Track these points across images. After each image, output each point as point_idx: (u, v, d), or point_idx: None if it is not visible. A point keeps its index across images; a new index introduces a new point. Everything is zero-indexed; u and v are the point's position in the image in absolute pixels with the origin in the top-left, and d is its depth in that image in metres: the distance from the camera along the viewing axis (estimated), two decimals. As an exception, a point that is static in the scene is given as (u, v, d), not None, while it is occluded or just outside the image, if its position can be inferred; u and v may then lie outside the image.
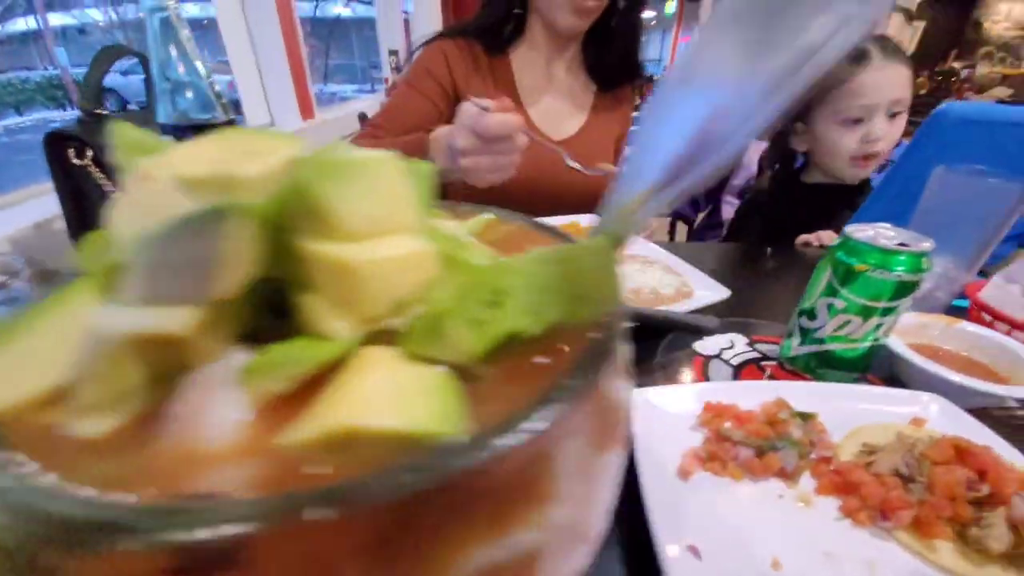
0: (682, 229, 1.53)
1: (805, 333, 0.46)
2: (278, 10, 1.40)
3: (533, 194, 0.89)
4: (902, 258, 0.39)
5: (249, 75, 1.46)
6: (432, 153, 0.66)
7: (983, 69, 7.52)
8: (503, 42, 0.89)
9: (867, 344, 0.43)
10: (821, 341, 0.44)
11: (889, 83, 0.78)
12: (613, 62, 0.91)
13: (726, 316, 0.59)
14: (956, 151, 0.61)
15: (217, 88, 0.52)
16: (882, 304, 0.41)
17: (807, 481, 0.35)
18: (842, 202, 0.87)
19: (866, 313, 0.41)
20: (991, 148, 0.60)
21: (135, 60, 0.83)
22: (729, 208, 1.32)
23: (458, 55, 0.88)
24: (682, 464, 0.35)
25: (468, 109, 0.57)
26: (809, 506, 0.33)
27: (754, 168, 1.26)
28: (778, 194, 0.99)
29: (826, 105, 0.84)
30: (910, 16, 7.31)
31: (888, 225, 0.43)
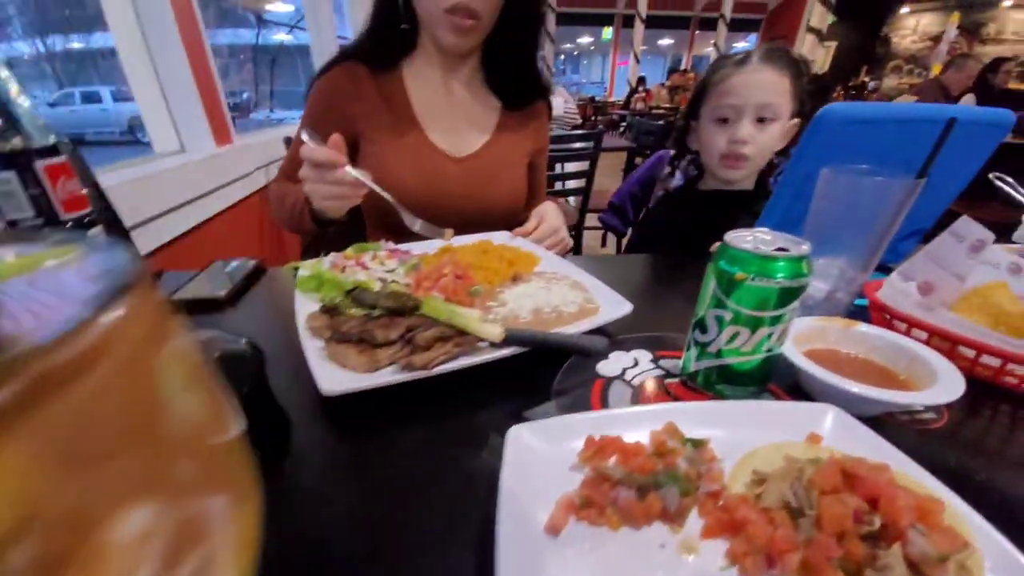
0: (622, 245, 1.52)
1: (700, 347, 0.42)
2: (183, 37, 1.32)
3: (435, 211, 0.85)
4: (781, 264, 0.36)
5: (154, 103, 1.37)
6: None
7: (891, 81, 8.22)
8: (392, 59, 0.85)
9: (761, 355, 0.40)
10: (717, 355, 0.41)
11: (757, 86, 0.78)
12: (511, 80, 0.89)
13: (635, 332, 0.56)
14: (842, 151, 0.60)
15: (27, 105, 0.44)
16: (769, 313, 0.37)
17: (694, 522, 0.30)
18: (741, 207, 0.87)
19: (754, 323, 0.38)
20: (875, 146, 0.60)
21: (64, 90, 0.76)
22: (658, 219, 1.32)
23: (343, 83, 0.84)
24: (552, 516, 0.30)
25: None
26: (694, 554, 0.28)
27: (678, 179, 1.26)
28: (676, 202, 0.99)
29: (706, 103, 0.86)
30: (821, 37, 7.91)
31: (766, 230, 0.40)
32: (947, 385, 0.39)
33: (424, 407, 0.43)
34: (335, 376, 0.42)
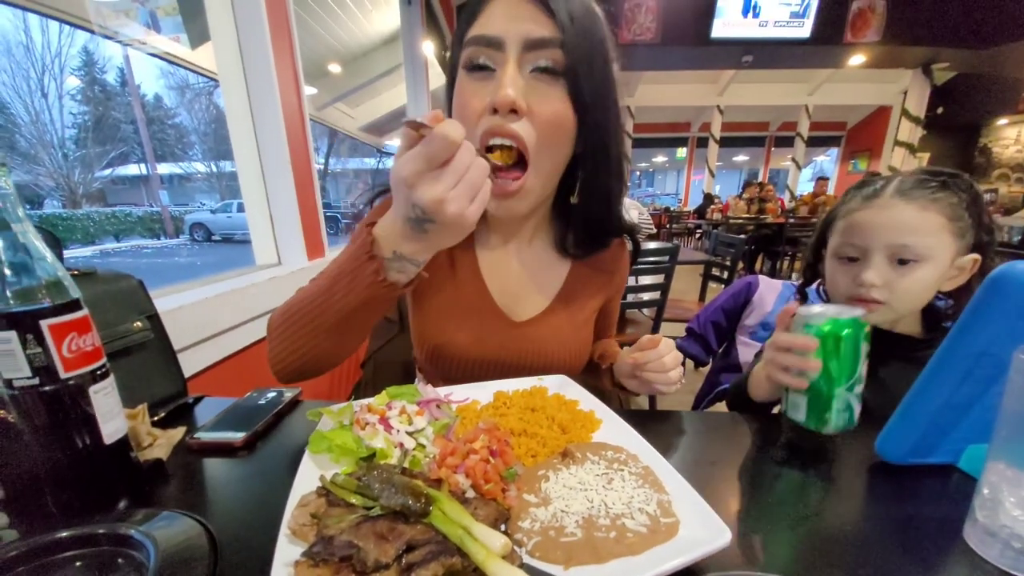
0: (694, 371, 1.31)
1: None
2: (292, 165, 1.47)
3: (483, 369, 0.75)
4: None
5: (262, 220, 1.50)
6: (386, 232, 0.50)
7: (1001, 188, 7.40)
8: None
9: None
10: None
11: (886, 226, 0.63)
12: (582, 237, 0.76)
13: (733, 567, 0.37)
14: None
15: (45, 263, 0.40)
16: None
17: None
18: (894, 352, 0.67)
19: None
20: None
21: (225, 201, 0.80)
22: (746, 350, 1.11)
23: None
24: None
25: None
26: None
27: (767, 307, 1.07)
28: None
29: (831, 237, 0.73)
30: (913, 150, 7.44)
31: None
32: None
33: None
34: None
